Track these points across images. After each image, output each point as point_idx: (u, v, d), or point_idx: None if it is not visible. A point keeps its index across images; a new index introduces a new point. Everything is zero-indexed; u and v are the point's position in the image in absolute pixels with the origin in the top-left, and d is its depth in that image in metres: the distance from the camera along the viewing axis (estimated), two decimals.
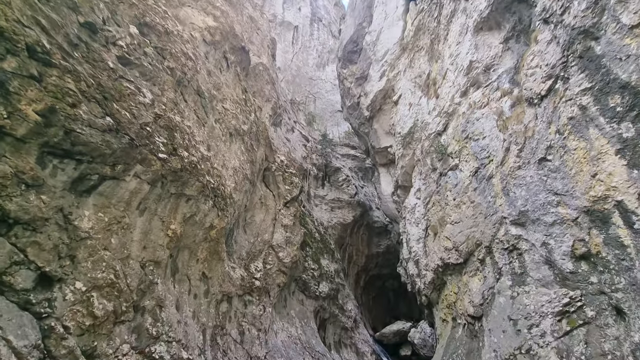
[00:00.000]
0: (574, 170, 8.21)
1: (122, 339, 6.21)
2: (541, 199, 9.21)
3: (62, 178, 5.69)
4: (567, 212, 8.56)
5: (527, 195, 9.59)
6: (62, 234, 5.53)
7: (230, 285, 12.26)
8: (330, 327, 21.25)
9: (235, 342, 11.99)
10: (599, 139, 7.58)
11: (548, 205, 9.07)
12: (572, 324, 8.10)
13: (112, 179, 6.61)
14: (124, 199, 6.89)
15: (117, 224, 6.63)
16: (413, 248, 16.86)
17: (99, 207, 6.38)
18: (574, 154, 8.23)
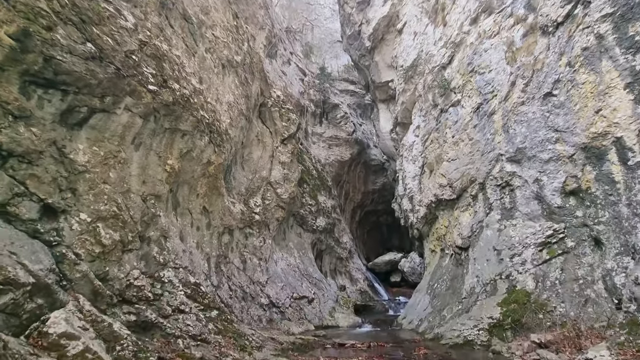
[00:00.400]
0: (579, 105, 8.00)
1: (131, 265, 6.63)
2: (540, 136, 9.15)
3: (50, 110, 5.48)
4: (564, 149, 8.58)
5: (527, 132, 9.51)
6: (59, 167, 5.52)
7: (231, 218, 12.75)
8: (327, 257, 22.71)
9: (238, 269, 12.91)
10: (610, 72, 7.25)
11: (546, 142, 9.05)
12: (552, 253, 8.68)
13: (103, 112, 6.40)
14: (117, 133, 6.75)
15: (113, 158, 6.61)
16: (408, 185, 17.26)
17: (93, 141, 6.28)
18: (581, 88, 7.94)
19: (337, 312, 16.13)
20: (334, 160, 27.81)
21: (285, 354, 7.97)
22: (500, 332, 8.23)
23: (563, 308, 7.73)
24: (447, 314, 11.05)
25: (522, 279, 9.03)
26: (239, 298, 11.98)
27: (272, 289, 14.08)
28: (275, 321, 13.01)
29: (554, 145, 8.81)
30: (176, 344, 6.13)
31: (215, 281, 11.01)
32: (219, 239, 12.10)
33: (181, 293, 7.41)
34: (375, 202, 33.84)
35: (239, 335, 7.87)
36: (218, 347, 6.78)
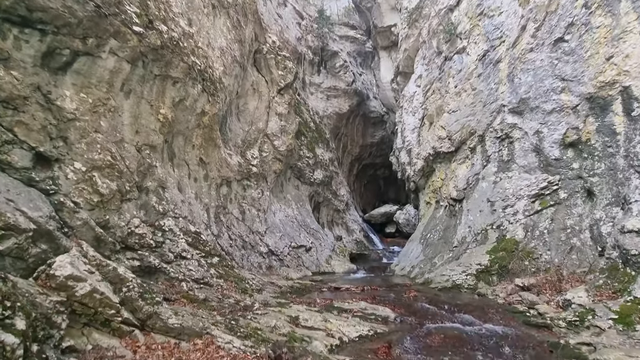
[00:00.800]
0: (590, 52, 7.61)
1: (131, 214, 6.74)
2: (546, 85, 8.85)
3: (29, 52, 5.14)
4: (568, 99, 8.35)
5: (533, 82, 9.17)
6: (47, 115, 5.33)
7: (228, 170, 12.76)
8: (324, 209, 23.20)
9: (237, 219, 13.23)
10: (628, 14, 6.78)
11: (551, 92, 8.77)
12: (544, 204, 8.87)
13: (87, 56, 6.02)
14: (105, 79, 6.43)
15: (102, 105, 6.37)
16: (407, 137, 17.09)
17: (80, 87, 6.00)
18: (594, 33, 7.49)
19: (334, 260, 16.91)
20: (332, 112, 27.17)
21: (284, 296, 8.48)
22: (486, 277, 8.71)
23: (548, 255, 8.10)
24: (437, 261, 11.61)
25: (512, 228, 9.33)
26: (239, 247, 12.44)
27: (271, 238, 14.58)
28: (274, 268, 13.68)
29: (559, 95, 8.55)
30: (180, 286, 6.46)
31: (215, 231, 11.34)
32: (217, 191, 12.21)
33: (182, 241, 7.63)
34: (373, 155, 33.81)
35: (240, 280, 8.29)
36: (220, 289, 7.17)
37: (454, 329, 5.76)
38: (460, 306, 7.17)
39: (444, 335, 5.43)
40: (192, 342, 4.68)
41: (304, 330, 5.34)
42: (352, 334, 5.41)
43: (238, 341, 4.66)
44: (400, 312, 7.00)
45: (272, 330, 5.15)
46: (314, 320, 5.81)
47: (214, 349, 4.53)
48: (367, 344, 5.20)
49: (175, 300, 5.85)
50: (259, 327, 5.14)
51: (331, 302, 7.61)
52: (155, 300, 5.06)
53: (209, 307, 6.02)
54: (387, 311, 6.98)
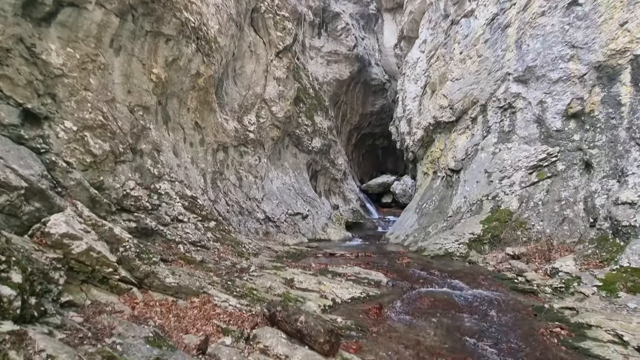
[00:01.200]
0: (604, 17, 7.25)
1: (126, 176, 6.68)
2: (554, 53, 8.52)
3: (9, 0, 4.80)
4: (576, 68, 8.07)
5: (541, 48, 8.82)
6: (32, 69, 5.09)
7: (225, 136, 12.56)
8: (321, 178, 23.24)
9: (234, 186, 13.24)
10: None
11: (559, 60, 8.47)
12: (541, 176, 8.88)
13: (72, 6, 5.65)
14: (92, 33, 6.09)
15: (91, 62, 6.08)
16: (408, 106, 16.74)
17: (66, 41, 5.69)
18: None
19: (330, 228, 17.19)
20: (332, 78, 26.40)
21: (280, 260, 8.68)
22: (478, 245, 8.90)
23: (541, 226, 8.23)
24: (431, 230, 11.81)
25: (507, 199, 9.41)
26: (235, 212, 12.55)
27: (268, 205, 14.69)
28: (271, 234, 13.91)
29: (567, 63, 8.26)
30: (177, 248, 6.56)
31: (212, 196, 11.37)
32: (214, 156, 12.10)
33: (179, 204, 7.65)
34: (373, 124, 33.36)
35: (237, 244, 8.43)
36: (217, 252, 7.30)
37: (443, 294, 5.96)
38: (451, 272, 7.38)
39: (434, 299, 5.61)
40: (189, 300, 4.81)
41: (299, 292, 5.50)
42: (345, 296, 5.58)
43: (234, 300, 4.80)
44: (393, 277, 7.20)
45: (267, 290, 5.30)
46: (308, 283, 5.97)
47: (211, 307, 4.67)
48: (359, 305, 5.38)
49: (173, 261, 5.95)
50: (255, 288, 5.27)
51: (326, 266, 7.80)
52: (152, 260, 5.14)
53: (206, 269, 6.14)
54: (380, 276, 7.18)
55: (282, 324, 4.01)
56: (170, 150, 9.11)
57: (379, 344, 4.09)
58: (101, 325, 3.43)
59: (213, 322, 4.22)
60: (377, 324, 4.58)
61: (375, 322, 4.65)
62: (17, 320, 2.70)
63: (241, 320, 4.31)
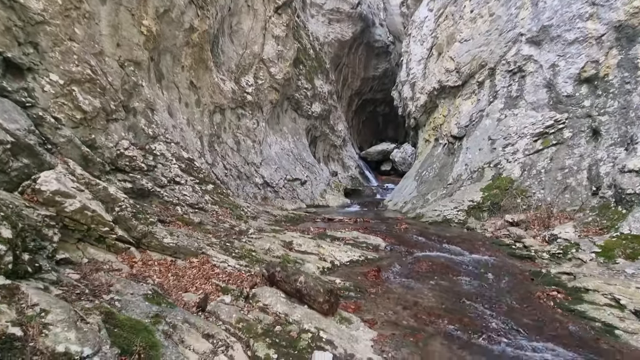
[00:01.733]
0: None
1: (119, 135, 6.43)
2: (573, 11, 7.98)
3: None
4: (594, 28, 7.59)
5: (559, 6, 8.25)
6: (9, 14, 4.67)
7: (222, 97, 12.11)
8: (321, 144, 22.93)
9: (232, 149, 12.99)
10: None
11: (577, 19, 7.95)
12: (546, 143, 8.68)
13: None
14: None
15: (75, 9, 5.60)
16: (412, 70, 16.09)
17: None
18: None
19: (328, 194, 17.21)
20: (333, 39, 25.18)
21: (279, 224, 8.68)
22: (477, 212, 8.90)
23: (542, 194, 8.17)
24: (430, 197, 11.80)
25: (509, 167, 9.28)
26: (234, 177, 12.43)
27: (266, 170, 14.55)
28: (269, 199, 13.90)
29: (585, 23, 7.75)
30: (175, 210, 6.48)
31: (209, 159, 11.17)
32: (210, 118, 11.74)
33: (175, 166, 7.48)
34: (374, 90, 32.41)
35: (235, 207, 8.38)
36: (215, 215, 7.25)
37: (441, 258, 5.99)
38: (449, 238, 7.41)
39: (432, 263, 5.65)
40: (188, 260, 4.79)
41: (297, 254, 5.50)
42: (344, 259, 5.60)
43: (233, 260, 4.78)
44: (391, 241, 7.23)
45: (266, 252, 5.29)
46: (307, 246, 5.97)
47: (210, 267, 4.66)
48: (357, 268, 5.41)
49: (171, 222, 5.89)
50: (253, 250, 5.26)
51: (324, 230, 7.81)
52: (149, 221, 5.06)
53: (204, 230, 6.11)
54: (379, 240, 7.20)
55: (281, 284, 4.01)
56: (165, 110, 8.76)
57: (377, 304, 4.13)
58: (99, 282, 3.39)
59: (212, 282, 4.22)
60: (376, 285, 4.61)
61: (374, 284, 4.68)
62: (9, 275, 2.62)
63: (240, 280, 4.32)
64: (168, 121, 8.55)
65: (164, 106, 8.79)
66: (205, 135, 11.17)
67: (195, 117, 10.69)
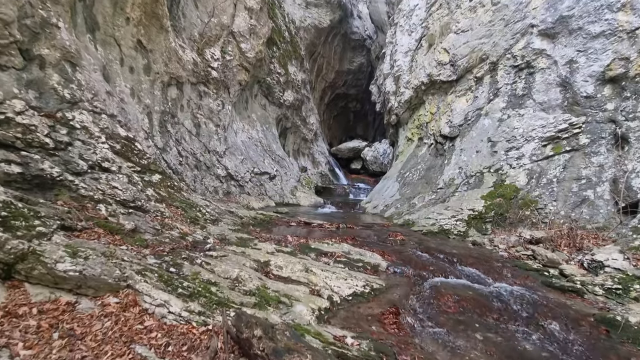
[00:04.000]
0: None
1: (8, 90, 4.21)
2: (601, 0, 7.00)
3: None
4: (626, 20, 6.65)
5: None
6: None
7: (180, 68, 9.85)
8: (291, 137, 21.12)
9: (190, 133, 10.77)
10: None
11: (605, 10, 6.98)
12: (558, 149, 7.71)
13: None
14: None
15: None
16: (398, 61, 14.81)
17: None
18: None
19: (299, 192, 15.49)
20: (310, 24, 23.37)
21: (246, 229, 6.83)
22: (479, 224, 7.73)
23: (554, 206, 7.16)
24: (417, 202, 10.57)
25: (513, 173, 8.24)
26: (190, 166, 10.26)
27: (231, 161, 12.48)
28: (233, 194, 11.87)
29: (615, 14, 6.81)
30: (96, 210, 4.40)
31: (159, 142, 8.93)
32: (164, 92, 9.45)
33: (104, 146, 5.33)
34: (348, 84, 31.07)
35: (190, 206, 6.37)
36: (160, 217, 5.24)
37: (465, 288, 4.59)
38: (458, 256, 6.09)
39: (458, 297, 4.21)
40: (100, 300, 2.87)
41: (279, 285, 3.75)
42: (344, 291, 3.97)
43: (178, 303, 2.93)
44: (392, 259, 5.73)
45: (233, 284, 3.47)
46: (290, 269, 4.24)
47: (137, 315, 2.77)
48: (364, 305, 3.81)
49: (85, 230, 3.85)
50: (213, 281, 3.41)
51: (306, 241, 6.11)
52: (36, 231, 3.05)
53: (139, 242, 4.13)
54: (377, 257, 5.68)
55: None
56: (98, 71, 6.48)
57: None
58: None
59: (135, 351, 2.37)
60: (403, 344, 3.02)
61: (400, 340, 3.10)
62: None
63: (188, 346, 2.51)
64: (100, 85, 6.28)
65: (97, 65, 6.50)
66: (155, 112, 8.90)
67: (142, 87, 8.39)
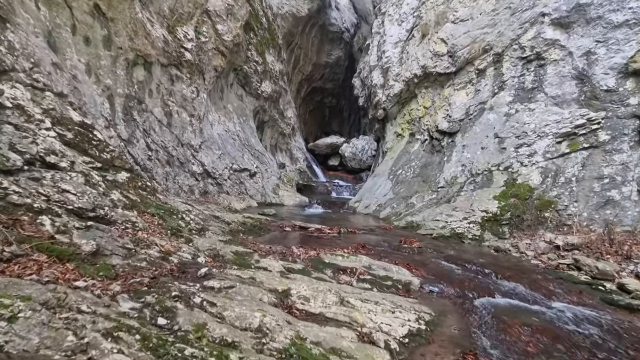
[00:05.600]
0: None
1: None
2: None
3: None
4: None
5: None
6: None
7: (148, 44, 8.27)
8: (268, 131, 19.79)
9: (160, 123, 9.20)
10: None
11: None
12: (574, 146, 7.23)
13: None
14: None
15: None
16: (387, 53, 14.02)
17: None
18: None
19: (282, 190, 14.28)
20: (288, 12, 22.02)
21: (237, 239, 5.61)
22: (495, 227, 7.08)
23: (576, 208, 6.66)
24: (416, 202, 9.84)
25: (525, 172, 7.69)
26: (161, 161, 8.74)
27: (208, 156, 11.01)
28: (211, 194, 10.45)
29: None
30: (36, 225, 3.03)
31: (124, 133, 7.37)
32: (129, 72, 7.86)
33: (50, 134, 3.89)
34: (325, 78, 30.06)
35: (169, 213, 5.04)
36: (132, 230, 3.91)
37: (525, 313, 3.78)
38: (489, 266, 5.33)
39: (528, 327, 3.38)
40: None
41: (315, 329, 2.66)
42: (397, 330, 2.97)
43: None
44: (421, 274, 4.84)
45: (258, 340, 2.31)
46: (321, 301, 3.15)
47: None
48: (428, 350, 2.83)
49: (15, 259, 2.53)
50: (229, 338, 2.24)
51: (317, 254, 5.04)
52: None
53: (104, 272, 2.85)
54: (404, 273, 4.75)
55: None
56: (41, 36, 4.91)
57: None
58: None
59: None
60: None
61: None
62: None
63: None
64: (43, 54, 4.74)
65: (38, 29, 4.93)
66: (118, 96, 7.32)
67: (102, 63, 6.79)
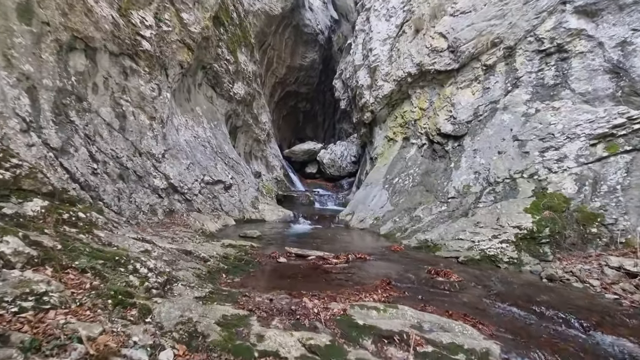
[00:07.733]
0: None
1: None
2: None
3: None
4: None
5: None
6: None
7: (91, 25, 6.33)
8: (242, 137, 17.94)
9: (110, 127, 7.20)
10: None
11: None
12: (613, 149, 6.28)
13: None
14: None
15: None
16: (374, 51, 12.85)
17: None
18: None
19: (262, 204, 12.53)
20: (260, 9, 20.43)
21: (219, 288, 3.91)
22: (533, 247, 5.92)
23: (627, 222, 5.65)
24: (422, 215, 8.58)
25: (556, 179, 6.65)
26: (111, 176, 6.75)
27: (173, 166, 9.06)
28: (178, 213, 8.52)
29: None
30: None
31: (54, 139, 5.39)
32: (62, 58, 5.88)
33: None
34: (300, 82, 28.64)
35: (113, 263, 3.22)
36: (32, 312, 2.12)
37: None
38: (560, 307, 4.06)
39: None
40: None
41: None
42: None
43: None
44: (491, 333, 3.44)
45: None
46: None
47: None
48: None
49: None
50: None
51: (343, 311, 3.47)
52: None
53: None
54: (471, 332, 3.33)
55: None
56: None
57: None
58: None
59: None
60: None
61: None
62: None
63: None
64: None
65: None
66: (45, 89, 5.34)
67: (16, 42, 4.83)
